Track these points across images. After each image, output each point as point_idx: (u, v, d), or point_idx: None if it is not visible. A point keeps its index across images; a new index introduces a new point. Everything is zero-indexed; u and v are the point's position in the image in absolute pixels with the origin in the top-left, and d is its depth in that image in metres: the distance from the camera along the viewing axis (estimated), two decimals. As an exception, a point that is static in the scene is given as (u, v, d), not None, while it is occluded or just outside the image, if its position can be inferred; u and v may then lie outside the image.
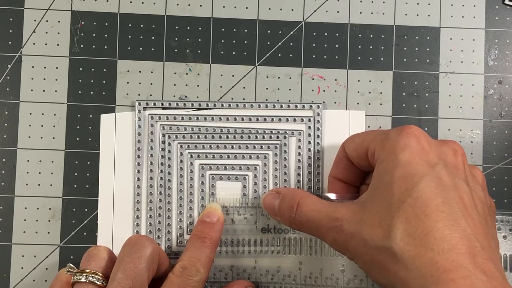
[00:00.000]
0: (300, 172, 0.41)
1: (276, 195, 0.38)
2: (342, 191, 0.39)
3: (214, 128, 0.41)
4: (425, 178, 0.31)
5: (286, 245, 0.41)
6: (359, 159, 0.37)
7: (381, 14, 0.43)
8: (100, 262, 0.36)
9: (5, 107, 0.42)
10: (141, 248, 0.35)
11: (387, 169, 0.32)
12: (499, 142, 0.43)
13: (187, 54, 0.43)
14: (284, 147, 0.41)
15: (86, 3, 0.43)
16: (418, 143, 0.32)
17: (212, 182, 0.41)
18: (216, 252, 0.40)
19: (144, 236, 0.37)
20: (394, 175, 0.31)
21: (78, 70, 0.42)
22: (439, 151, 0.33)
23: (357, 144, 0.37)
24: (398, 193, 0.31)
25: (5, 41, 0.42)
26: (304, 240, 0.40)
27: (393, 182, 0.31)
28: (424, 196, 0.30)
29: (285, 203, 0.37)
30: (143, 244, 0.35)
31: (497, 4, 0.43)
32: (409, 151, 0.32)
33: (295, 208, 0.35)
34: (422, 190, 0.30)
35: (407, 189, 0.30)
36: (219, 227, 0.39)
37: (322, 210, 0.34)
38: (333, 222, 0.33)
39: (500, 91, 0.43)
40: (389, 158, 0.32)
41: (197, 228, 0.38)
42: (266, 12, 0.43)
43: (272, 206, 0.38)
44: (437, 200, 0.30)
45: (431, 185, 0.30)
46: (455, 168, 0.33)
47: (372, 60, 0.43)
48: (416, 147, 0.32)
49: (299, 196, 0.36)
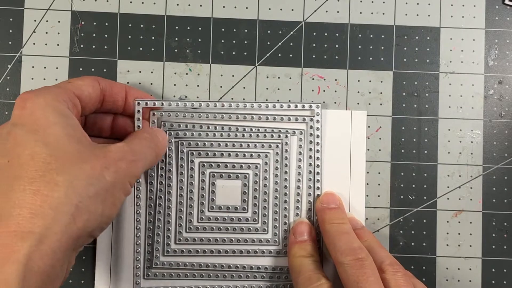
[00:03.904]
0: (301, 172, 0.41)
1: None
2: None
3: (215, 126, 0.41)
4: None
5: (286, 244, 0.41)
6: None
7: (381, 14, 0.43)
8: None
9: (5, 107, 0.42)
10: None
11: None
12: (499, 142, 0.43)
13: (187, 54, 0.43)
14: (285, 146, 0.41)
15: (86, 3, 0.43)
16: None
17: (212, 180, 0.41)
18: (216, 252, 0.40)
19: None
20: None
21: (78, 70, 0.42)
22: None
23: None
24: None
25: (5, 41, 0.42)
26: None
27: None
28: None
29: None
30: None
31: (497, 4, 0.44)
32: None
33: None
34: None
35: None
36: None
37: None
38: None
39: (500, 91, 0.43)
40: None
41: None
42: (266, 12, 0.43)
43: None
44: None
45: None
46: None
47: (372, 60, 0.43)
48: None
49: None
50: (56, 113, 0.32)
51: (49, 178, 0.30)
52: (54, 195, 0.29)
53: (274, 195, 0.41)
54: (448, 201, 0.42)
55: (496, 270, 0.42)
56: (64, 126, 0.32)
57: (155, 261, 0.40)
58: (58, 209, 0.29)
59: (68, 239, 0.30)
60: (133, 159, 0.34)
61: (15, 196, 0.29)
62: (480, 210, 0.42)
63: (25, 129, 0.31)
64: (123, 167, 0.33)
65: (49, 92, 0.33)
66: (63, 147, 0.31)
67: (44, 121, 0.32)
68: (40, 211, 0.29)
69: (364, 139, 0.42)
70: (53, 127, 0.32)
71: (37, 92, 0.33)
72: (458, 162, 0.43)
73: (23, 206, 0.29)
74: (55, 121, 0.32)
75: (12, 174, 0.30)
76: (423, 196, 0.42)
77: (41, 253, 0.28)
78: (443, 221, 0.42)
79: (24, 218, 0.29)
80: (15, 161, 0.30)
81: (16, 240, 0.28)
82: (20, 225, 0.28)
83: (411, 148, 0.43)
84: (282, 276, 0.41)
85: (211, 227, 0.41)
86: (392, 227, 0.42)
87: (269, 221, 0.41)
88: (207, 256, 0.41)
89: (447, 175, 0.43)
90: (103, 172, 0.32)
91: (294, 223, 0.40)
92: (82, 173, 0.31)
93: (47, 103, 0.32)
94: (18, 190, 0.29)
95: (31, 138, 0.31)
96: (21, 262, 0.28)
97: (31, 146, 0.31)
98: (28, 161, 0.30)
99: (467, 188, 0.43)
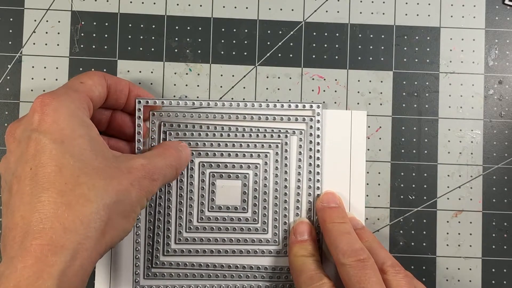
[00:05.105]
0: (301, 172, 0.41)
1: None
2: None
3: (215, 126, 0.41)
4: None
5: (286, 244, 0.41)
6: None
7: (381, 14, 0.43)
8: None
9: (5, 107, 0.42)
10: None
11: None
12: (499, 142, 0.43)
13: (187, 54, 0.43)
14: (285, 146, 0.41)
15: (86, 3, 0.43)
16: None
17: (212, 180, 0.41)
18: (216, 252, 0.40)
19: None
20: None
21: (78, 70, 0.42)
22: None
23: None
24: None
25: (5, 41, 0.42)
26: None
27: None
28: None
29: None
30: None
31: (497, 4, 0.44)
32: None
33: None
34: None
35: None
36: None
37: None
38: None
39: (500, 91, 0.43)
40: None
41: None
42: (266, 12, 0.43)
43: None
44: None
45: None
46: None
47: (372, 60, 0.43)
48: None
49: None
50: (80, 125, 0.32)
51: (80, 192, 0.30)
52: (86, 210, 0.29)
53: (274, 195, 0.41)
54: (448, 201, 0.42)
55: (496, 270, 0.42)
56: (89, 139, 0.32)
57: (155, 261, 0.40)
58: (89, 225, 0.29)
59: (96, 255, 0.30)
60: (155, 178, 0.34)
61: (45, 209, 0.29)
62: (480, 210, 0.42)
63: (49, 138, 0.31)
64: (145, 185, 0.33)
65: (70, 98, 0.33)
66: (89, 161, 0.31)
67: (70, 132, 0.31)
68: (72, 227, 0.29)
69: (364, 139, 0.42)
70: (78, 140, 0.31)
71: (57, 97, 0.32)
72: (458, 162, 0.43)
73: (55, 220, 0.28)
74: (80, 133, 0.32)
75: (37, 183, 0.29)
76: (423, 196, 0.42)
77: (74, 269, 0.28)
78: (443, 221, 0.42)
79: (56, 232, 0.28)
80: (40, 170, 0.30)
81: (49, 255, 0.28)
82: (53, 240, 0.28)
83: (411, 148, 0.43)
84: (282, 276, 0.41)
85: (211, 227, 0.41)
86: (392, 227, 0.42)
87: (269, 221, 0.41)
88: (207, 256, 0.41)
89: (447, 175, 0.43)
90: (129, 188, 0.32)
91: (294, 223, 0.40)
92: (111, 189, 0.31)
93: (71, 113, 0.32)
94: (47, 202, 0.29)
95: (57, 148, 0.30)
96: (55, 277, 0.27)
97: (58, 157, 0.30)
98: (56, 172, 0.30)
99: (467, 188, 0.43)
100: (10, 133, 0.33)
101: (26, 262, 0.27)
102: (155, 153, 0.36)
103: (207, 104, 0.41)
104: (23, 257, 0.28)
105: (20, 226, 0.29)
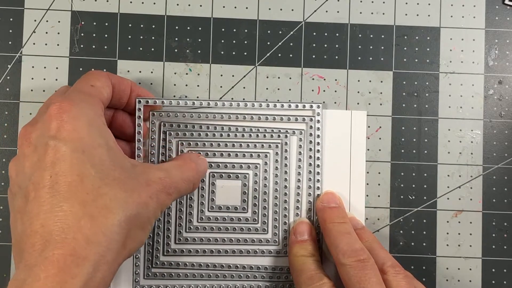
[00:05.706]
0: (301, 172, 0.41)
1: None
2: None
3: (215, 126, 0.41)
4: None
5: (286, 244, 0.41)
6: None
7: (381, 14, 0.43)
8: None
9: (5, 107, 0.42)
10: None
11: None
12: (499, 142, 0.43)
13: (187, 54, 0.43)
14: (285, 146, 0.41)
15: (86, 3, 0.43)
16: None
17: (212, 180, 0.41)
18: (216, 252, 0.40)
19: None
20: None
21: (78, 70, 0.42)
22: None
23: None
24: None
25: (5, 41, 0.42)
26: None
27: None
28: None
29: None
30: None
31: (497, 4, 0.44)
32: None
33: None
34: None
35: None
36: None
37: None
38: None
39: (500, 91, 0.43)
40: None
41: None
42: (266, 12, 0.43)
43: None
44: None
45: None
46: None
47: (372, 60, 0.43)
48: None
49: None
50: (99, 134, 0.32)
51: (102, 204, 0.30)
52: (108, 222, 0.29)
53: (274, 195, 0.41)
54: (448, 201, 0.42)
55: (496, 270, 0.42)
56: (107, 149, 0.32)
57: (155, 261, 0.40)
58: (111, 237, 0.29)
59: (116, 267, 0.30)
60: (171, 192, 0.34)
61: (68, 219, 0.28)
62: (480, 210, 0.42)
63: (70, 147, 0.30)
64: (162, 198, 0.33)
65: (88, 105, 0.33)
66: (109, 171, 0.31)
67: (90, 142, 0.31)
68: (95, 239, 0.28)
69: (364, 139, 0.42)
70: (98, 149, 0.31)
71: (75, 104, 0.32)
72: (458, 162, 0.43)
73: (77, 231, 0.28)
74: (99, 143, 0.31)
75: (58, 192, 0.29)
76: (423, 196, 0.42)
77: (96, 281, 0.28)
78: (443, 221, 0.42)
79: (79, 243, 0.28)
80: (60, 179, 0.29)
81: (72, 266, 0.28)
82: (76, 251, 0.28)
83: (411, 148, 0.43)
84: (282, 276, 0.41)
85: (211, 227, 0.41)
86: (392, 227, 0.42)
87: (269, 221, 0.41)
88: (207, 256, 0.41)
89: (447, 175, 0.43)
90: (148, 201, 0.32)
91: (294, 223, 0.40)
92: (132, 201, 0.31)
93: (90, 121, 0.32)
94: (69, 212, 0.29)
95: (78, 158, 0.30)
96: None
97: (79, 167, 0.30)
98: (78, 182, 0.29)
99: (467, 188, 0.43)
100: (25, 137, 0.32)
101: (48, 271, 0.27)
102: (173, 165, 0.36)
103: (207, 104, 0.41)
104: (45, 266, 0.27)
105: (40, 234, 0.28)
